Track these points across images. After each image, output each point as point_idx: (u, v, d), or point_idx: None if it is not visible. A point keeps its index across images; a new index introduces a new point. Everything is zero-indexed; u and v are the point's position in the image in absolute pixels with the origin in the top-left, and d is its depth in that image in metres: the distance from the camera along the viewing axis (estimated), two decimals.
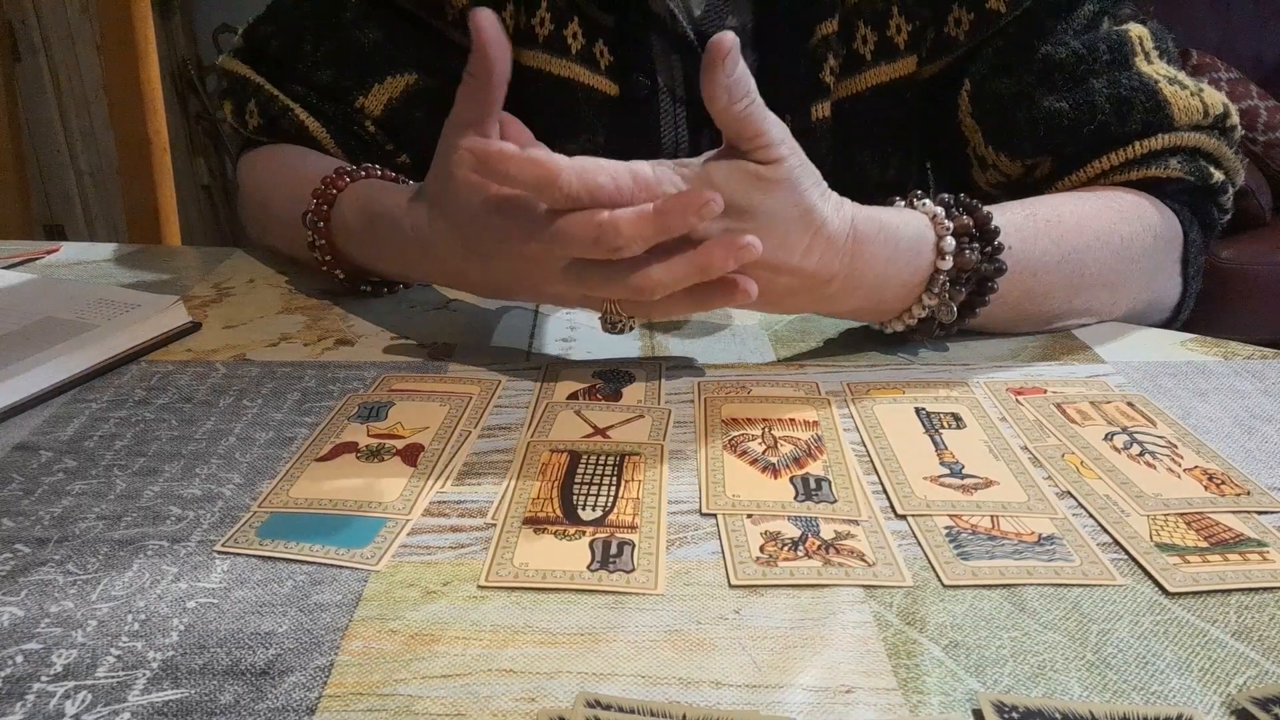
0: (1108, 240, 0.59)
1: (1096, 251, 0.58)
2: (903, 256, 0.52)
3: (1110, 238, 0.59)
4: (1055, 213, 0.58)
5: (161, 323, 0.58)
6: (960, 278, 0.52)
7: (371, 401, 0.50)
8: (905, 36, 0.69)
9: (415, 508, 0.41)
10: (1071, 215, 0.59)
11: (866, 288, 0.52)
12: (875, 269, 0.51)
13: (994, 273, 0.53)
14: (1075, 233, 0.58)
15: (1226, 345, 0.57)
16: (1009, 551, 0.38)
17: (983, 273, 0.52)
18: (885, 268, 0.51)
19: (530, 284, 0.52)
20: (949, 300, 0.53)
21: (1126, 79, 0.62)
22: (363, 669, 0.32)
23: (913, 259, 0.52)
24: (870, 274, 0.51)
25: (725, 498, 0.42)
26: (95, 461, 0.45)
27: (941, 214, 0.53)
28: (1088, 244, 0.58)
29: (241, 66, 0.75)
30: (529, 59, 0.72)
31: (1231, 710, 0.31)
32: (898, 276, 0.52)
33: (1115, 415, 0.49)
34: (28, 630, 0.34)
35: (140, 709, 0.30)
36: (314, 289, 0.67)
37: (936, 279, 0.52)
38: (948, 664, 0.33)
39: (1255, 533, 0.39)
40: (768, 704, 0.31)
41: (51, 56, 2.24)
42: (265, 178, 0.74)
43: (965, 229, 0.52)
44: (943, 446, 0.46)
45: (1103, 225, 0.59)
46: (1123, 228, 0.60)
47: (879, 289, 0.52)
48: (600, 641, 0.34)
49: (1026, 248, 0.55)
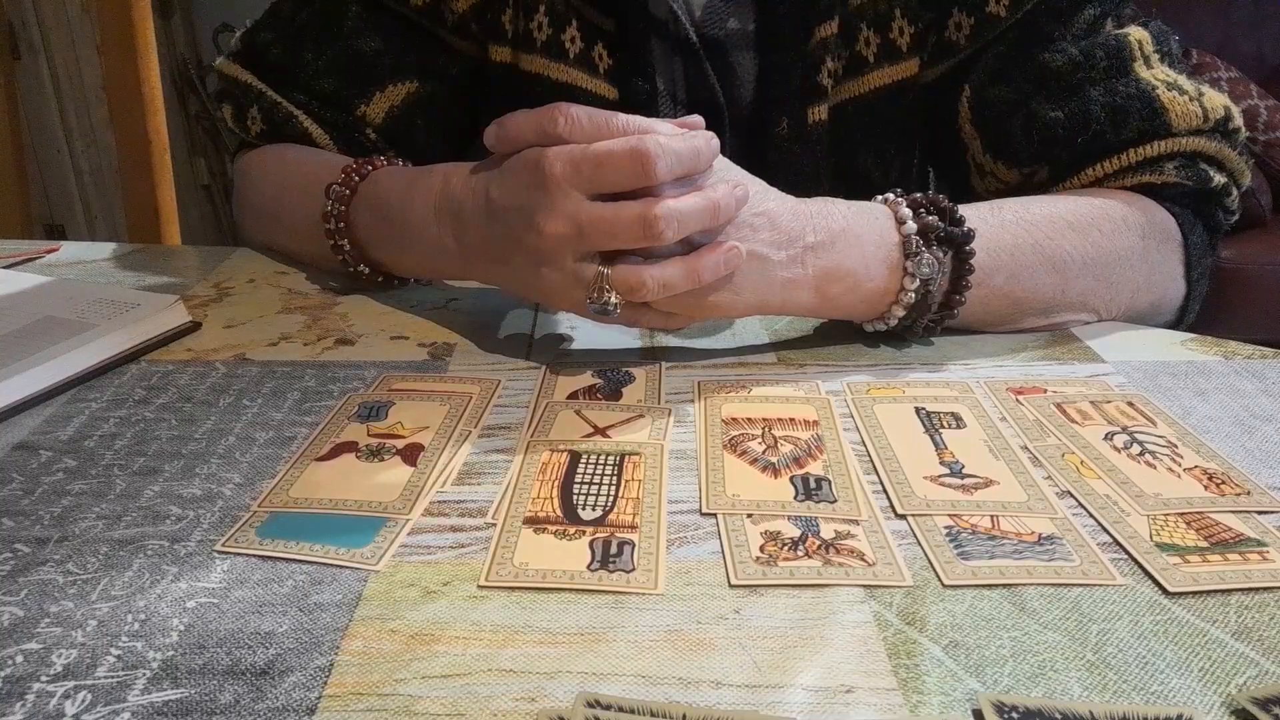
0: (1085, 231, 0.59)
1: (1073, 240, 0.58)
2: (862, 216, 0.54)
3: (1088, 229, 0.59)
4: (1022, 204, 0.59)
5: (161, 323, 0.58)
6: (931, 240, 0.53)
7: (371, 401, 0.50)
8: (908, 39, 0.69)
9: (415, 508, 0.41)
10: (1040, 208, 0.59)
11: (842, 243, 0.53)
12: (837, 223, 0.53)
13: (963, 237, 0.54)
14: (1045, 222, 0.58)
15: (1226, 345, 0.57)
16: (1009, 551, 0.38)
17: (953, 237, 0.53)
18: (847, 224, 0.53)
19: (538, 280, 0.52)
20: (933, 261, 0.53)
21: (1124, 86, 0.62)
22: (363, 669, 0.32)
23: (873, 223, 0.54)
24: (835, 224, 0.53)
25: (725, 497, 0.42)
26: (95, 461, 0.45)
27: (893, 196, 0.56)
28: (1061, 232, 0.58)
29: (242, 72, 0.74)
30: (527, 63, 0.72)
31: (1231, 710, 0.31)
32: (869, 236, 0.53)
33: (1115, 415, 0.49)
34: (28, 630, 0.34)
35: (140, 709, 0.30)
36: (314, 289, 0.67)
37: (909, 242, 0.53)
38: (948, 664, 0.33)
39: (1255, 532, 0.39)
40: (768, 704, 0.31)
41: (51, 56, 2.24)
42: (271, 177, 0.74)
43: (917, 203, 0.55)
44: (943, 446, 0.46)
45: (1077, 218, 0.59)
46: (1103, 222, 0.60)
47: (856, 247, 0.53)
48: (600, 641, 0.34)
49: (995, 233, 0.56)
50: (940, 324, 0.56)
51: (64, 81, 2.27)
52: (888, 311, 0.55)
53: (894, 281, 0.54)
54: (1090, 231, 0.59)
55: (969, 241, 0.54)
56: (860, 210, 0.54)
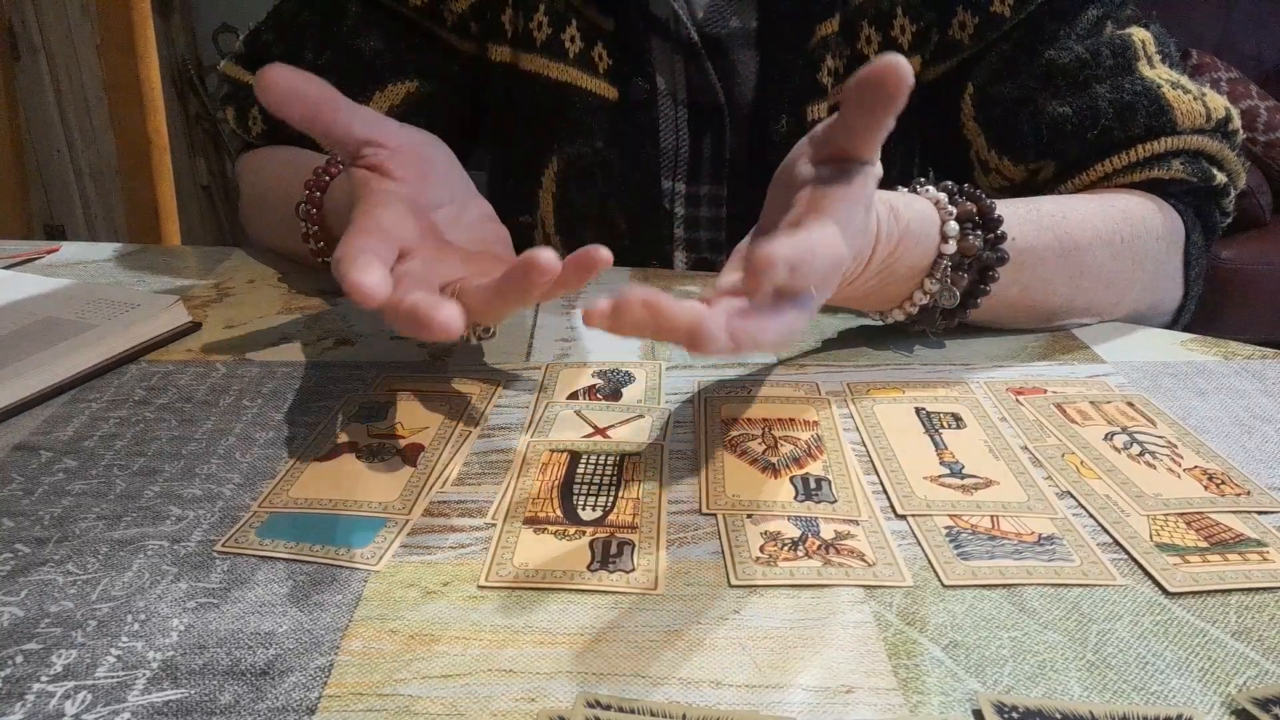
0: (1109, 239, 0.59)
1: (1098, 249, 0.58)
2: (912, 237, 0.51)
3: (1112, 237, 0.59)
4: (1059, 208, 0.58)
5: (161, 323, 0.58)
6: (963, 263, 0.52)
7: (371, 401, 0.50)
8: (909, 38, 0.69)
9: (415, 508, 0.41)
10: (1075, 213, 0.59)
11: (878, 266, 0.51)
12: (887, 248, 0.51)
13: (996, 261, 0.53)
14: (1078, 229, 0.58)
15: (1226, 345, 0.57)
16: (1009, 551, 0.38)
17: (985, 260, 0.52)
18: (896, 247, 0.51)
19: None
20: (950, 286, 0.53)
21: (1129, 83, 0.62)
22: (363, 669, 0.32)
23: (920, 240, 0.51)
24: (882, 253, 0.50)
25: (725, 498, 0.42)
26: (95, 461, 0.45)
27: (944, 199, 0.53)
28: (1089, 241, 0.58)
29: (244, 73, 0.75)
30: (527, 63, 0.72)
31: (1231, 710, 0.31)
32: (907, 257, 0.51)
33: (1115, 415, 0.49)
34: (28, 630, 0.34)
35: (140, 709, 0.30)
36: (314, 289, 0.67)
37: (939, 263, 0.52)
38: (948, 664, 0.33)
39: (1255, 533, 0.39)
40: (768, 704, 0.31)
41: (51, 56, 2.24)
42: (265, 175, 0.74)
43: (969, 215, 0.52)
44: (943, 446, 0.46)
45: (1105, 224, 0.59)
46: (1125, 228, 0.60)
47: (890, 269, 0.51)
48: (600, 641, 0.34)
49: (1028, 240, 0.55)
50: (940, 328, 0.56)
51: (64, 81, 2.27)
52: (889, 312, 0.55)
53: (907, 289, 0.53)
54: (1114, 239, 0.59)
55: (1000, 265, 0.53)
56: (910, 232, 0.50)
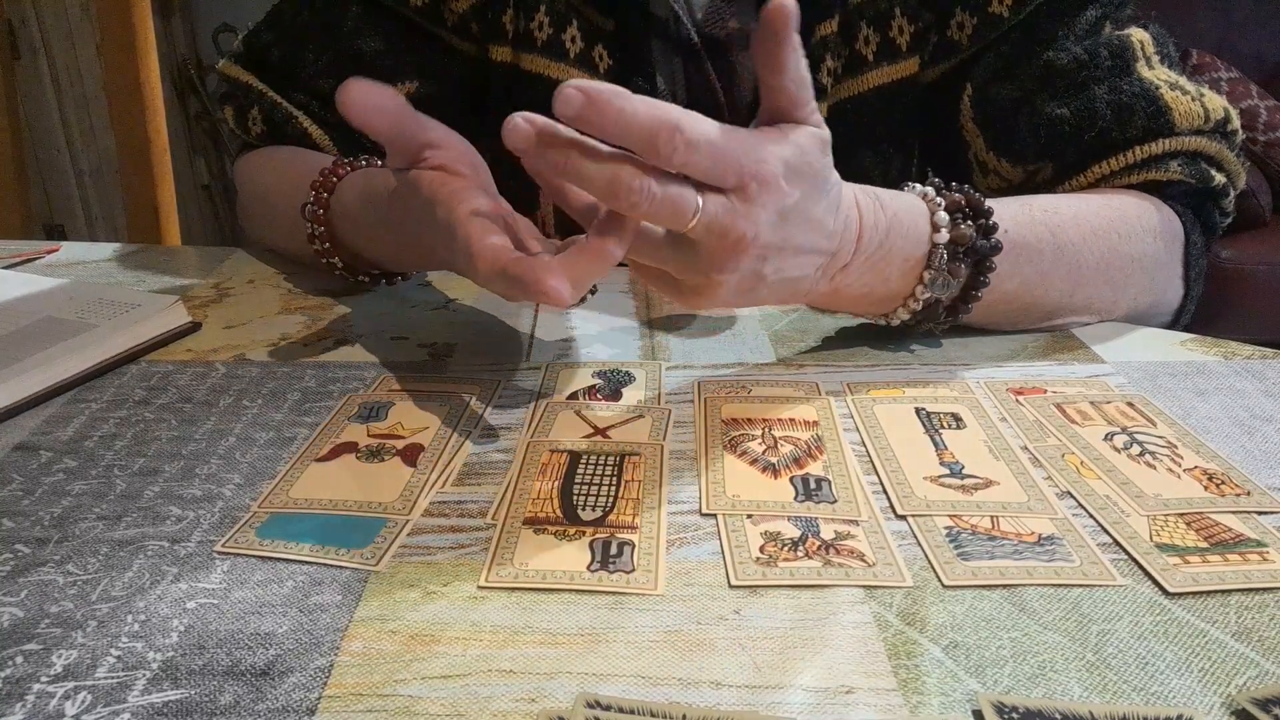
0: (1105, 236, 0.59)
1: (1094, 245, 0.58)
2: (900, 225, 0.51)
3: (1108, 234, 0.59)
4: (1052, 204, 0.59)
5: (161, 323, 0.58)
6: (958, 252, 0.52)
7: (371, 401, 0.50)
8: (908, 38, 0.69)
9: (415, 508, 0.41)
10: (1068, 209, 0.59)
11: (868, 251, 0.51)
12: (875, 236, 0.51)
13: (990, 250, 0.53)
14: (1072, 225, 0.58)
15: (1226, 345, 0.57)
16: (1009, 552, 0.38)
17: (979, 250, 0.53)
18: (886, 236, 0.51)
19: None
20: (949, 276, 0.53)
21: (1128, 85, 0.62)
22: (363, 669, 0.32)
23: (910, 229, 0.52)
24: (871, 239, 0.51)
25: (725, 498, 0.42)
26: (95, 461, 0.45)
27: (932, 192, 0.53)
28: (1084, 237, 0.58)
29: (243, 73, 0.74)
30: (527, 63, 0.72)
31: (1231, 710, 0.31)
32: (899, 247, 0.51)
33: (1115, 415, 0.49)
34: (28, 631, 0.34)
35: (140, 709, 0.30)
36: (314, 289, 0.67)
37: (935, 253, 0.52)
38: (948, 664, 0.33)
39: (1255, 533, 0.39)
40: (768, 704, 0.31)
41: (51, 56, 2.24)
42: (267, 175, 0.74)
43: (957, 205, 0.53)
44: (943, 446, 0.46)
45: (1101, 222, 0.59)
46: (1120, 225, 0.60)
47: (884, 259, 0.51)
48: (600, 642, 0.34)
49: (1023, 234, 0.55)
50: (943, 326, 0.56)
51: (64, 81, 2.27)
52: (892, 313, 0.55)
53: (907, 287, 0.53)
54: (1109, 235, 0.59)
55: (995, 254, 0.53)
56: (899, 221, 0.51)
